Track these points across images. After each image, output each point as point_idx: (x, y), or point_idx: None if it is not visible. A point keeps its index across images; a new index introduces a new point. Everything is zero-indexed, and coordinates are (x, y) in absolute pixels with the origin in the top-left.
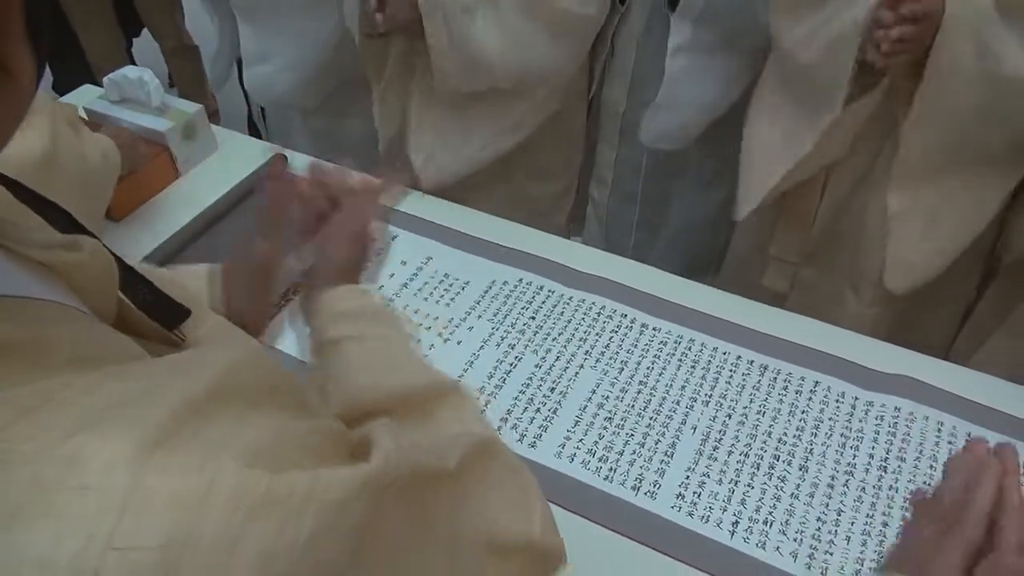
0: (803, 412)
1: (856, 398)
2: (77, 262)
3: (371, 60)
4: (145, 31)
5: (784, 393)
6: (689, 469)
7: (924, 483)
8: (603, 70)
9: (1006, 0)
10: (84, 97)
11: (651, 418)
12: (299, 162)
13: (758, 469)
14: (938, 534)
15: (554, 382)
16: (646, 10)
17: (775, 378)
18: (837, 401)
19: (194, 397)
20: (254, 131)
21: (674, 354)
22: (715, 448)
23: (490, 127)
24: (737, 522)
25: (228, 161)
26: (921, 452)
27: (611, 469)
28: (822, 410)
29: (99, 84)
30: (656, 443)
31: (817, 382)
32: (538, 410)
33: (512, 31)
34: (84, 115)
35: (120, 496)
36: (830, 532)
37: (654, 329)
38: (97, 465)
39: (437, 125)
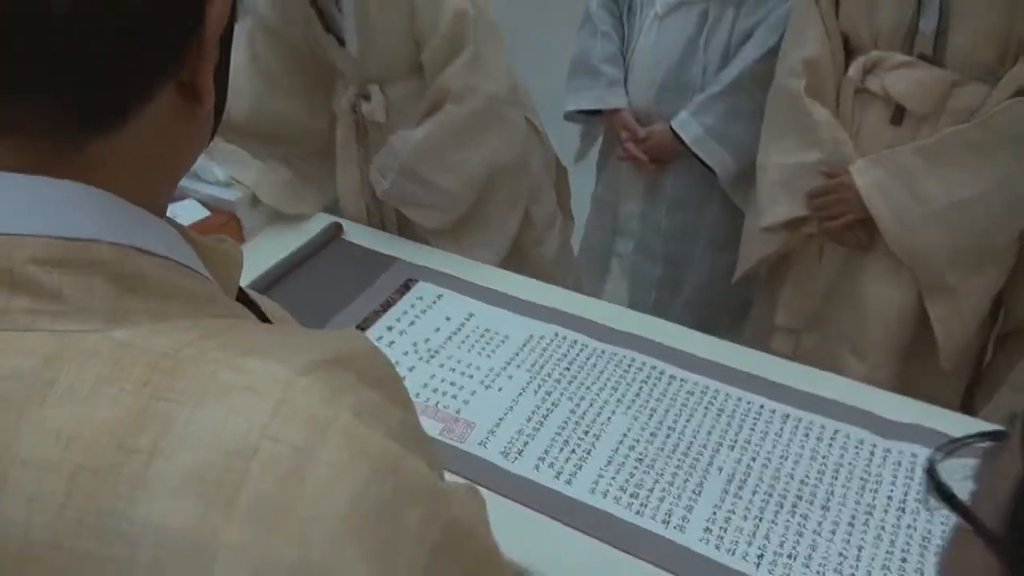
0: (824, 457)
1: (875, 445)
2: (229, 251)
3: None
4: None
5: (805, 440)
6: (716, 506)
7: (941, 523)
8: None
9: (931, 148)
10: None
11: (679, 460)
12: (354, 232)
13: (781, 507)
14: None
15: (588, 426)
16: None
17: (796, 426)
18: (856, 448)
19: (324, 357)
20: None
21: (700, 403)
22: (740, 487)
23: (504, 201)
24: (762, 555)
25: (286, 228)
26: None
27: (642, 504)
28: (841, 455)
29: None
30: (684, 482)
31: (837, 430)
32: (573, 451)
33: (450, 166)
34: None
35: (273, 402)
36: (852, 567)
37: (681, 380)
38: (259, 376)
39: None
